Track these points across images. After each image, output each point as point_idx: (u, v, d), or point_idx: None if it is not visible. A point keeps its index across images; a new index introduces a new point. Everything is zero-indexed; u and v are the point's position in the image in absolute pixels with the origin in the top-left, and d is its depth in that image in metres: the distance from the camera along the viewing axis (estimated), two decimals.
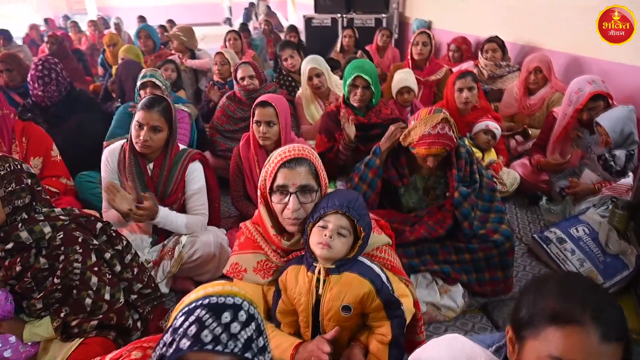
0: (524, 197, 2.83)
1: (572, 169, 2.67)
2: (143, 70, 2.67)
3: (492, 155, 2.76)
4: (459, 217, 1.90)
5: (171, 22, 7.23)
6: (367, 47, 4.94)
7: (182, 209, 2.09)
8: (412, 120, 1.97)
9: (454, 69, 3.54)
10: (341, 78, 3.55)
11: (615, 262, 2.07)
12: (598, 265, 2.06)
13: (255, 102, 2.15)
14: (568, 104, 2.60)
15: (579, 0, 3.05)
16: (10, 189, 1.44)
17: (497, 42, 3.59)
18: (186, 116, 2.65)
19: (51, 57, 2.96)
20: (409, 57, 3.56)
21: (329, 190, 1.48)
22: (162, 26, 5.77)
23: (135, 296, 1.73)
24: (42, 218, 1.51)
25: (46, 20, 8.11)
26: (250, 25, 8.24)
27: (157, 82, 2.58)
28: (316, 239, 1.31)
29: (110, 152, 2.03)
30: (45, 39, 5.10)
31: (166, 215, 1.96)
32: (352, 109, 2.51)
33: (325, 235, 1.30)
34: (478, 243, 1.91)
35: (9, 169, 1.45)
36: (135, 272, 1.75)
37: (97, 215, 1.81)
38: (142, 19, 7.13)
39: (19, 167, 1.49)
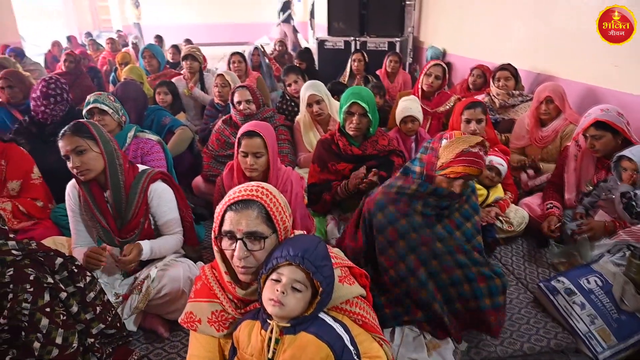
0: (532, 238, 2.62)
1: (584, 209, 2.45)
2: (88, 97, 2.55)
3: (498, 192, 2.57)
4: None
5: (188, 41, 7.31)
6: (378, 72, 4.84)
7: (145, 234, 1.97)
8: (434, 144, 1.80)
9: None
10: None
11: (631, 321, 1.84)
12: (611, 324, 1.84)
13: (241, 132, 2.03)
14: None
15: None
16: None
17: (509, 70, 3.41)
18: (154, 144, 2.54)
19: (62, 77, 2.96)
20: (419, 85, 3.39)
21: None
22: (174, 46, 5.79)
23: (93, 339, 1.61)
24: None
25: (68, 38, 8.32)
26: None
27: (103, 106, 2.46)
28: (268, 294, 1.17)
29: (71, 187, 1.95)
30: (63, 57, 5.19)
31: (150, 247, 1.88)
32: (347, 137, 2.38)
33: (277, 291, 1.15)
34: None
35: None
36: (97, 312, 1.64)
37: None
38: (159, 38, 7.23)
39: None
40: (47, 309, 1.46)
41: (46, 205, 2.36)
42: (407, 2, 5.91)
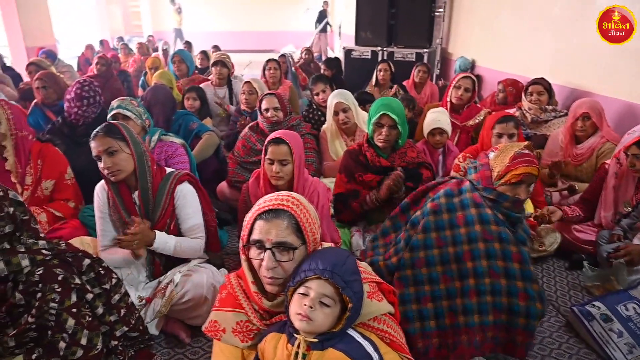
0: (564, 259, 2.52)
1: (622, 231, 2.35)
2: (112, 102, 2.59)
3: (528, 208, 2.49)
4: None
5: (216, 47, 7.42)
6: (404, 82, 4.80)
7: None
8: (482, 161, 1.77)
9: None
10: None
11: None
12: None
13: (268, 139, 2.03)
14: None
15: (636, 45, 2.77)
16: None
17: (542, 85, 3.32)
18: (178, 147, 2.56)
19: (95, 80, 3.03)
20: (447, 98, 3.33)
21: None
22: (203, 52, 5.88)
23: (116, 342, 1.61)
24: (22, 250, 1.43)
25: (101, 42, 8.56)
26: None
27: (126, 112, 2.48)
28: (295, 308, 1.14)
29: (100, 188, 1.97)
30: (95, 59, 5.32)
31: (164, 240, 1.87)
32: (376, 149, 2.34)
33: (305, 305, 1.12)
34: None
35: None
36: (122, 314, 1.64)
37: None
38: (188, 44, 7.36)
39: (1, 194, 1.42)
40: (74, 310, 1.46)
41: (77, 206, 2.40)
42: (437, 13, 5.86)
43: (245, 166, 2.91)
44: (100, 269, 1.60)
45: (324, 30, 10.67)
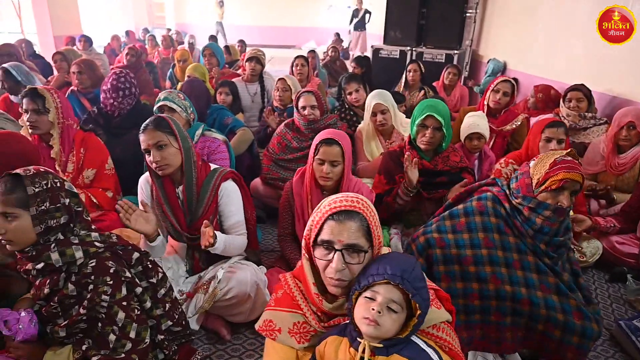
0: (604, 271, 2.46)
1: None
2: (160, 93, 2.59)
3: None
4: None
5: (242, 42, 7.42)
6: (435, 84, 4.74)
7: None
8: (523, 170, 1.73)
9: (532, 119, 3.24)
10: (404, 113, 3.37)
11: None
12: None
13: (319, 138, 1.99)
14: None
15: None
16: (43, 207, 1.38)
17: (582, 91, 3.24)
18: (221, 144, 2.55)
19: (130, 71, 3.04)
20: (485, 101, 3.27)
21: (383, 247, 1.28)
22: (226, 47, 5.88)
23: (163, 336, 1.61)
24: (76, 241, 1.44)
25: (127, 33, 8.61)
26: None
27: (173, 105, 2.48)
28: (362, 313, 1.12)
29: (144, 180, 1.98)
30: (125, 50, 5.35)
31: (223, 241, 1.84)
32: (418, 151, 2.30)
33: (373, 310, 1.10)
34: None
35: (45, 187, 1.39)
36: (166, 308, 1.63)
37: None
38: (213, 38, 7.37)
39: (58, 185, 1.43)
40: (124, 303, 1.46)
41: (114, 196, 2.41)
42: (468, 14, 5.77)
43: (280, 163, 2.89)
44: (148, 262, 1.60)
45: (358, 28, 10.67)
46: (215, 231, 1.80)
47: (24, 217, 1.35)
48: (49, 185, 1.39)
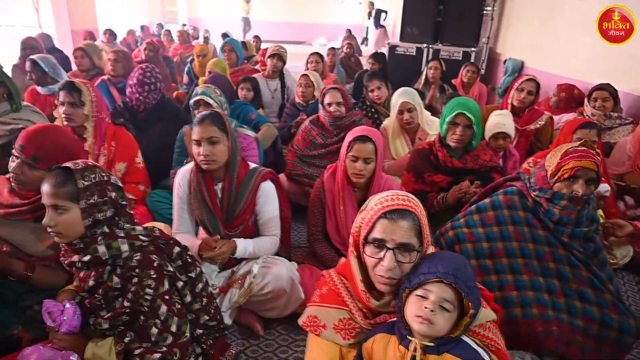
0: (634, 273, 2.44)
1: None
2: (197, 88, 2.59)
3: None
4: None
5: (257, 37, 7.41)
6: (453, 81, 4.72)
7: (248, 230, 1.99)
8: (541, 164, 1.75)
9: (556, 118, 3.22)
10: None
11: None
12: None
13: (352, 135, 1.99)
14: None
15: None
16: (92, 201, 1.39)
17: (608, 91, 3.21)
18: (252, 141, 2.57)
19: (154, 66, 3.06)
20: (509, 100, 3.25)
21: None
22: (242, 42, 5.88)
23: (201, 330, 1.62)
24: (122, 235, 1.45)
25: (142, 27, 8.64)
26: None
27: (209, 99, 2.49)
28: (414, 311, 1.12)
29: (182, 174, 1.98)
30: (143, 45, 5.37)
31: (244, 247, 1.90)
32: (448, 149, 2.30)
33: (426, 308, 1.10)
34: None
35: (94, 180, 1.41)
36: (204, 303, 1.65)
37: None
38: (225, 36, 7.37)
39: (105, 178, 1.44)
40: (166, 297, 1.48)
41: (145, 189, 2.44)
42: (485, 11, 5.73)
43: (305, 160, 2.90)
44: (187, 257, 1.61)
45: (380, 26, 10.71)
46: (236, 239, 1.87)
47: (73, 210, 1.37)
48: (98, 179, 1.41)
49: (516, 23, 5.54)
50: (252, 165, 2.01)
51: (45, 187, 1.37)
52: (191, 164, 1.97)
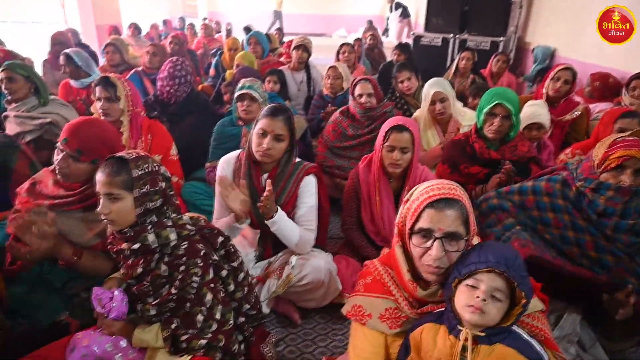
0: None
1: None
2: (241, 81, 2.61)
3: None
4: None
5: (279, 30, 7.41)
6: (482, 71, 4.64)
7: None
8: (586, 156, 1.73)
9: (592, 107, 3.14)
10: None
11: None
12: None
13: (388, 125, 1.99)
14: None
15: None
16: (144, 190, 1.43)
17: None
18: None
19: (184, 59, 3.10)
20: (543, 90, 3.17)
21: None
22: (266, 35, 5.87)
23: (243, 318, 1.65)
24: (170, 224, 1.48)
25: (164, 22, 8.72)
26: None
27: (255, 94, 2.50)
28: (465, 300, 1.12)
29: (227, 161, 2.00)
30: (169, 39, 5.43)
31: (282, 218, 1.86)
32: (485, 140, 2.27)
33: (478, 298, 1.10)
34: None
35: (146, 170, 1.44)
36: (245, 292, 1.67)
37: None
38: (247, 30, 7.38)
39: (156, 168, 1.48)
40: (212, 285, 1.50)
41: (179, 181, 2.48)
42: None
43: (335, 151, 2.90)
44: (230, 246, 1.64)
45: (402, 15, 10.59)
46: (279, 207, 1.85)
47: (127, 199, 1.41)
48: (150, 169, 1.44)
49: (547, 10, 5.39)
50: (297, 159, 2.03)
51: (100, 176, 1.41)
52: (236, 152, 1.98)
